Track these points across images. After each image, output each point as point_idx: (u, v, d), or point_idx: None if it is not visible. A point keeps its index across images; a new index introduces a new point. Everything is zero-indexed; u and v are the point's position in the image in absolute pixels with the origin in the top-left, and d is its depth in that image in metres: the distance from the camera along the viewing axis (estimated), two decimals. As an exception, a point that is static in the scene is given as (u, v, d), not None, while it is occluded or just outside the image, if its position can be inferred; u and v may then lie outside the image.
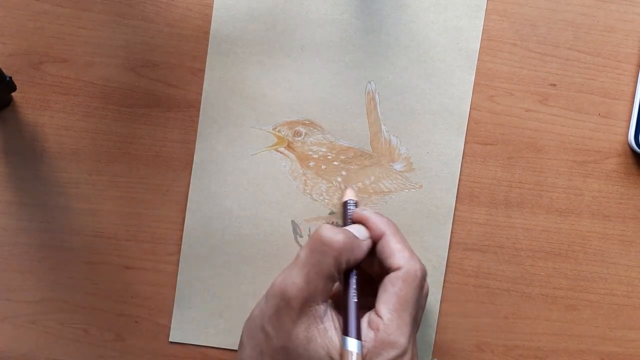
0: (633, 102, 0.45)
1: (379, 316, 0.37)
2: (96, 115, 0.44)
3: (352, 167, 0.45)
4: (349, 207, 0.42)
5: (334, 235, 0.37)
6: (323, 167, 0.45)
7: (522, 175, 0.45)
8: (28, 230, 0.44)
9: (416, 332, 0.39)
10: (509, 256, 0.45)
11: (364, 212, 0.41)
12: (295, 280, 0.37)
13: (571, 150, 0.45)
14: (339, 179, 0.45)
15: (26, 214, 0.44)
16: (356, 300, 0.38)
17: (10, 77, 0.42)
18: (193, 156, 0.45)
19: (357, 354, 0.35)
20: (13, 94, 0.44)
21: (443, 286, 0.45)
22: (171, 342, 0.45)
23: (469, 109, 0.45)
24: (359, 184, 0.45)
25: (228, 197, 0.45)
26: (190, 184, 0.45)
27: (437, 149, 0.45)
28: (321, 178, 0.45)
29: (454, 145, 0.45)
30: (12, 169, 0.44)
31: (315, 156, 0.45)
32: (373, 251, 0.40)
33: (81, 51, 0.44)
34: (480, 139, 0.45)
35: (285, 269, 0.38)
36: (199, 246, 0.45)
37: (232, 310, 0.45)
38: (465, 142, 0.45)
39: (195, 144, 0.45)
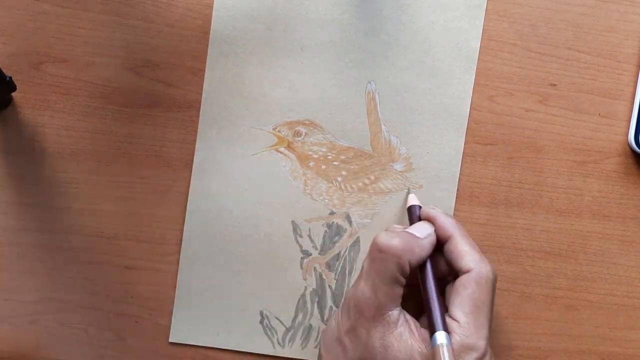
0: (633, 102, 0.45)
1: (455, 320, 0.37)
2: (96, 115, 0.44)
3: (352, 167, 0.45)
4: (413, 212, 0.43)
5: (390, 240, 0.38)
6: (323, 167, 0.45)
7: (522, 175, 0.45)
8: (28, 230, 0.44)
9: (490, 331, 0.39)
10: (509, 256, 0.45)
11: (432, 211, 0.41)
12: (363, 291, 0.38)
13: (571, 150, 0.45)
14: (339, 179, 0.45)
15: (26, 214, 0.44)
16: (436, 294, 0.38)
17: (10, 77, 0.42)
18: (193, 156, 0.45)
19: (447, 345, 0.36)
20: (13, 94, 0.44)
21: (443, 286, 0.45)
22: (171, 343, 0.45)
23: (469, 109, 0.45)
24: (359, 184, 0.45)
25: (228, 197, 0.45)
26: (190, 184, 0.45)
27: (437, 149, 0.45)
28: (321, 178, 0.45)
29: (454, 145, 0.45)
30: (12, 169, 0.44)
31: (315, 156, 0.45)
32: (440, 251, 0.40)
33: (81, 51, 0.44)
34: (480, 139, 0.45)
35: (354, 282, 0.39)
36: (199, 246, 0.45)
37: (232, 311, 0.45)
38: (465, 142, 0.45)
39: (195, 144, 0.45)
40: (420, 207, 0.43)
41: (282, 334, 0.45)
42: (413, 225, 0.41)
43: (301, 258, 0.45)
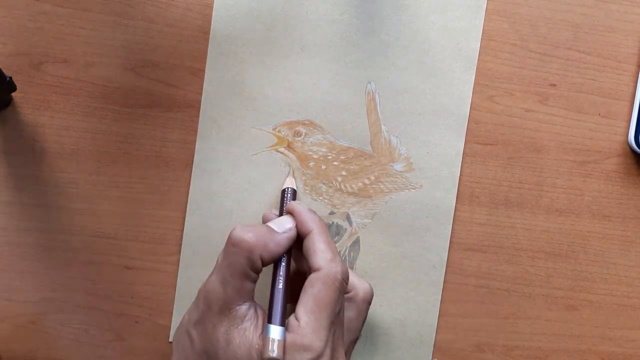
0: (633, 102, 0.45)
1: (296, 318, 0.36)
2: (96, 115, 0.44)
3: (352, 167, 0.45)
4: (285, 196, 0.42)
5: (243, 234, 0.37)
6: (323, 167, 0.45)
7: (522, 175, 0.45)
8: (28, 230, 0.44)
9: (342, 337, 0.38)
10: (509, 256, 0.45)
11: (295, 205, 0.40)
12: (213, 285, 0.37)
13: (571, 150, 0.45)
14: (339, 179, 0.45)
15: (26, 214, 0.44)
16: (281, 287, 0.38)
17: (10, 77, 0.42)
18: (193, 156, 0.45)
19: (279, 340, 0.35)
20: (13, 94, 0.44)
21: (443, 286, 0.45)
22: (171, 343, 0.45)
23: (469, 109, 0.45)
24: (359, 184, 0.45)
25: (228, 197, 0.45)
26: (190, 184, 0.45)
27: (437, 149, 0.45)
28: (321, 178, 0.45)
29: (454, 145, 0.45)
30: (12, 169, 0.44)
31: (315, 156, 0.45)
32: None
33: (81, 51, 0.44)
34: (480, 139, 0.45)
35: (209, 275, 0.38)
36: (199, 246, 0.45)
37: (232, 311, 0.45)
38: (465, 142, 0.45)
39: (195, 144, 0.45)
40: (294, 190, 0.42)
41: (282, 334, 0.45)
42: (276, 219, 0.40)
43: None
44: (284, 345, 0.35)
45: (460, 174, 0.45)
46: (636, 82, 0.45)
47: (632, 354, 0.46)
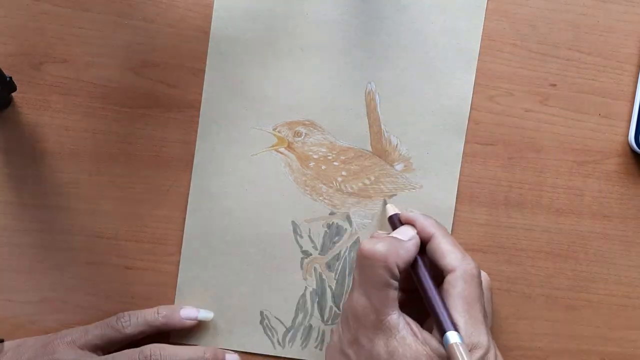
0: (633, 102, 0.45)
1: (454, 322, 0.37)
2: (96, 115, 0.44)
3: (352, 167, 0.45)
4: (395, 221, 0.43)
5: (373, 246, 0.38)
6: (323, 167, 0.45)
7: (523, 176, 0.45)
8: (28, 231, 0.44)
9: (489, 324, 0.39)
10: (509, 256, 0.45)
11: (411, 214, 0.41)
12: (358, 301, 0.38)
13: (571, 151, 0.45)
14: (339, 179, 0.45)
15: (26, 214, 0.44)
16: (436, 292, 0.38)
17: (10, 77, 0.42)
18: (193, 156, 0.45)
19: (462, 343, 0.35)
20: (13, 94, 0.44)
21: (443, 286, 0.45)
22: (171, 343, 0.45)
23: (469, 109, 0.45)
24: (359, 184, 0.45)
25: (228, 197, 0.45)
26: (191, 184, 0.45)
27: (437, 149, 0.45)
28: (321, 178, 0.45)
29: (454, 145, 0.45)
30: (12, 169, 0.44)
31: (315, 156, 0.45)
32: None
33: (81, 51, 0.44)
34: (480, 139, 0.45)
35: (348, 294, 0.39)
36: (199, 246, 0.45)
37: (232, 311, 0.45)
38: (466, 142, 0.45)
39: (195, 144, 0.45)
40: (399, 214, 0.43)
41: (282, 334, 0.45)
42: (395, 230, 0.41)
43: (301, 258, 0.45)
44: (466, 347, 0.35)
45: (460, 174, 0.45)
46: (636, 82, 0.45)
47: (632, 354, 0.46)
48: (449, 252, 0.39)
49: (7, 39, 0.44)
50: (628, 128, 0.45)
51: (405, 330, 0.37)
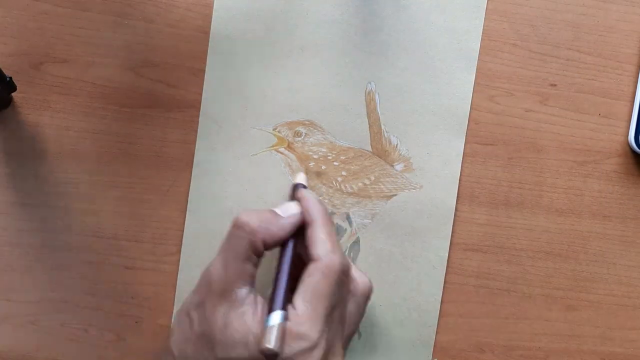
0: (633, 102, 0.45)
1: (294, 307, 0.36)
2: (96, 115, 0.44)
3: (352, 167, 0.45)
4: (297, 191, 0.42)
5: (247, 217, 0.37)
6: (323, 167, 0.45)
7: (522, 176, 0.45)
8: (28, 231, 0.44)
9: (341, 331, 0.38)
10: (509, 256, 0.45)
11: (304, 193, 0.40)
12: (215, 267, 0.37)
13: (571, 151, 0.45)
14: (339, 179, 0.45)
15: (26, 214, 0.44)
16: (285, 272, 0.38)
17: (10, 77, 0.42)
18: (193, 156, 0.45)
19: (279, 324, 0.35)
20: (13, 94, 0.44)
21: (443, 287, 0.45)
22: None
23: (469, 109, 0.45)
24: (359, 184, 0.45)
25: (228, 197, 0.45)
26: (191, 184, 0.45)
27: (438, 149, 0.45)
28: (321, 178, 0.45)
29: (454, 145, 0.45)
30: (12, 169, 0.44)
31: (315, 156, 0.45)
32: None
33: (81, 51, 0.44)
34: (480, 139, 0.45)
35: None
36: (199, 246, 0.45)
37: (232, 311, 0.45)
38: (466, 142, 0.45)
39: (195, 144, 0.45)
40: (304, 186, 0.42)
41: (282, 334, 0.45)
42: (283, 205, 0.40)
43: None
44: (283, 333, 0.35)
45: (461, 174, 0.45)
46: (636, 82, 0.45)
47: (632, 354, 0.46)
48: (320, 242, 0.38)
49: (7, 39, 0.44)
50: (628, 128, 0.45)
51: (248, 307, 0.36)
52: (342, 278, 0.38)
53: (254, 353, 0.35)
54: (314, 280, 0.37)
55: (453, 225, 0.45)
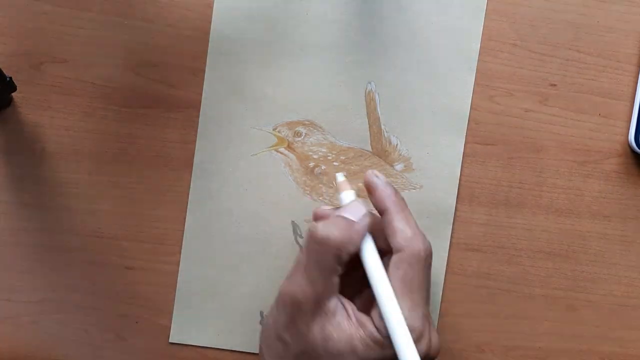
0: (633, 102, 0.45)
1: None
2: (96, 115, 0.44)
3: (352, 167, 0.45)
4: (369, 180, 0.40)
5: (328, 232, 0.36)
6: (323, 167, 0.45)
7: (522, 176, 0.45)
8: (28, 231, 0.44)
9: (429, 302, 0.38)
10: (509, 256, 0.45)
11: (374, 179, 0.39)
12: (300, 284, 0.36)
13: (571, 151, 0.45)
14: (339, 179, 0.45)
15: (26, 214, 0.44)
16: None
17: (11, 77, 0.42)
18: (193, 156, 0.45)
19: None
20: (13, 94, 0.44)
21: (443, 287, 0.45)
22: (171, 343, 0.45)
23: (469, 109, 0.45)
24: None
25: (228, 197, 0.45)
26: (191, 184, 0.45)
27: (438, 150, 0.45)
28: (321, 178, 0.45)
29: (454, 145, 0.45)
30: (12, 169, 0.44)
31: (315, 157, 0.45)
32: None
33: (81, 51, 0.44)
34: (480, 139, 0.45)
35: (288, 275, 0.38)
36: (199, 246, 0.45)
37: (232, 311, 0.45)
38: (466, 143, 0.45)
39: (195, 144, 0.45)
40: (347, 184, 0.40)
41: (282, 334, 0.45)
42: (346, 207, 0.38)
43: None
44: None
45: (461, 174, 0.45)
46: (636, 82, 0.45)
47: (632, 354, 0.46)
48: (399, 231, 0.37)
49: (7, 39, 0.44)
50: (628, 128, 0.45)
51: (341, 315, 0.36)
52: (429, 261, 0.37)
53: (364, 356, 0.35)
54: (402, 273, 0.36)
55: (453, 225, 0.45)
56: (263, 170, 0.45)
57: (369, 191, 0.39)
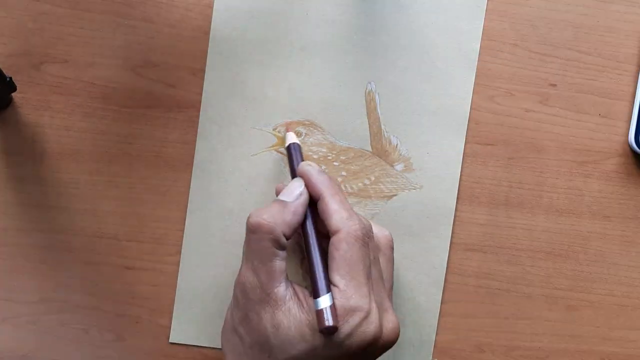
0: (633, 102, 0.45)
1: (334, 284, 0.36)
2: (96, 115, 0.44)
3: (352, 167, 0.45)
4: (293, 154, 0.41)
5: (258, 217, 0.37)
6: (323, 167, 0.45)
7: (523, 176, 0.45)
8: (28, 231, 0.44)
9: (383, 287, 0.38)
10: (509, 256, 0.45)
11: (304, 169, 0.40)
12: (246, 276, 0.37)
13: (571, 151, 0.45)
14: (339, 180, 0.45)
15: (26, 214, 0.44)
16: (317, 255, 0.37)
17: (11, 78, 0.42)
18: (193, 156, 0.45)
19: (329, 306, 0.35)
20: (13, 94, 0.44)
21: (443, 287, 0.45)
22: (171, 343, 0.45)
23: (469, 109, 0.45)
24: (359, 184, 0.45)
25: (228, 197, 0.45)
26: (191, 184, 0.45)
27: (438, 150, 0.45)
28: (321, 178, 0.45)
29: (455, 145, 0.45)
30: (12, 169, 0.44)
31: (315, 157, 0.45)
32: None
33: (81, 51, 0.44)
34: (480, 139, 0.45)
35: (239, 270, 0.38)
36: (199, 246, 0.45)
37: (232, 311, 0.45)
38: (466, 143, 0.45)
39: (195, 144, 0.45)
40: (299, 146, 0.42)
41: (282, 334, 0.45)
42: (284, 190, 0.39)
43: (301, 258, 0.45)
44: (335, 311, 0.35)
45: (461, 174, 0.45)
46: (636, 82, 0.45)
47: (632, 354, 0.46)
48: (335, 212, 0.37)
49: (7, 39, 0.44)
50: (628, 128, 0.45)
51: (291, 302, 0.36)
52: (367, 240, 0.37)
53: (315, 341, 0.35)
54: (342, 252, 0.36)
55: (453, 226, 0.45)
56: (263, 170, 0.45)
57: (305, 181, 0.40)
